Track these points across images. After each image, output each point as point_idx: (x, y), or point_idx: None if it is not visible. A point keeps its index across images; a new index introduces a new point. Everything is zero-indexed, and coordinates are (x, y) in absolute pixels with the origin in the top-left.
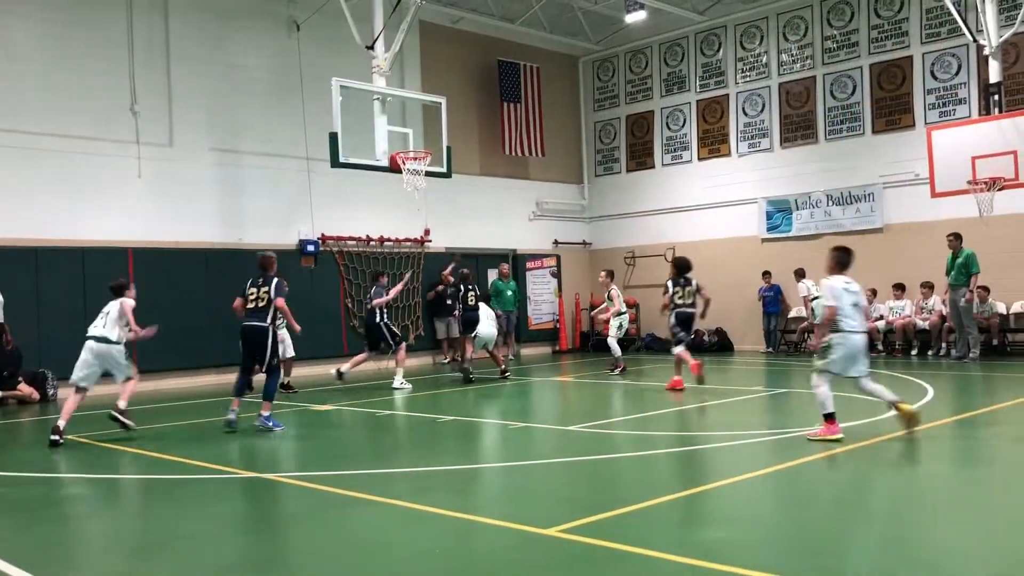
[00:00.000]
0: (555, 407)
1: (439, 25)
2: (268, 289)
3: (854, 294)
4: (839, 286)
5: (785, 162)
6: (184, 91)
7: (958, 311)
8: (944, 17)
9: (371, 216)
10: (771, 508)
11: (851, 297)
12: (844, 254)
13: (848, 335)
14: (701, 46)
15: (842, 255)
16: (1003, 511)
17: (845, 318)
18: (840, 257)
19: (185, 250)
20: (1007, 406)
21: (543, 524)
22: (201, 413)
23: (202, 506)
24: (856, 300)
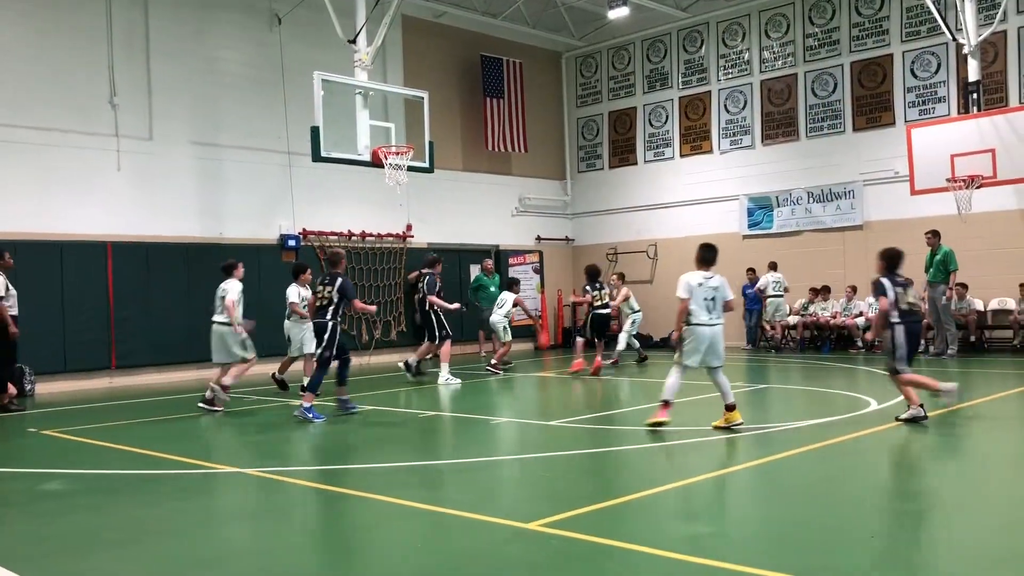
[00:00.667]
0: (537, 402)
1: (422, 20)
2: (332, 289)
3: (711, 289)
4: (693, 281)
5: (766, 159)
6: (164, 84)
7: (937, 308)
8: (924, 16)
9: (353, 211)
10: (756, 502)
11: (704, 292)
12: (706, 251)
13: (696, 328)
14: (683, 43)
15: (703, 251)
16: (987, 505)
17: (696, 312)
18: (701, 254)
19: (165, 244)
20: (985, 401)
21: (525, 518)
22: (180, 409)
23: (179, 501)
24: (712, 295)
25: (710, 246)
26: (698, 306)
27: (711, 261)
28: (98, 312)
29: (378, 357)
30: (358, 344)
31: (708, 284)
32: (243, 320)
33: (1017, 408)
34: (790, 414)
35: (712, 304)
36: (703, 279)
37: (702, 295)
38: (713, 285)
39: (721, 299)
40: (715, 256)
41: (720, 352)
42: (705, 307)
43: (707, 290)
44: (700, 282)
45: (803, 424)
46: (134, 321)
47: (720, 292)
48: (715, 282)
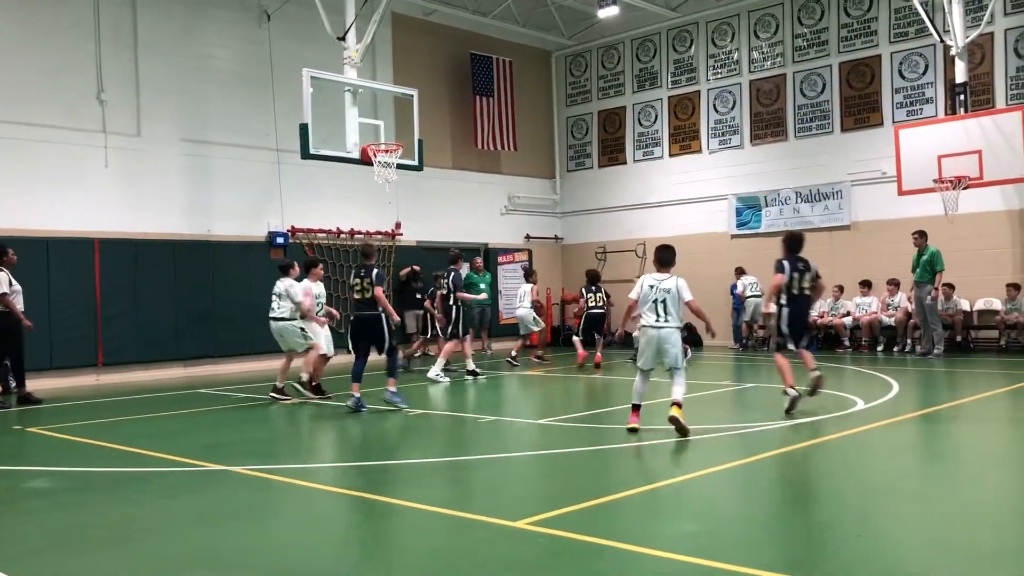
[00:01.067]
0: (526, 401)
1: (411, 17)
2: (370, 279)
3: (663, 291)
4: (646, 282)
5: (755, 159)
6: (152, 81)
7: (923, 308)
8: (912, 17)
9: (341, 208)
10: (744, 501)
11: (655, 294)
12: (662, 251)
13: (645, 329)
14: (673, 42)
15: (659, 253)
16: (969, 503)
17: (644, 314)
18: (658, 255)
19: (152, 241)
20: (970, 401)
21: (513, 517)
22: (169, 406)
23: (166, 499)
24: (663, 297)
25: (666, 247)
26: (647, 308)
27: (667, 262)
28: (85, 309)
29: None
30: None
31: (660, 286)
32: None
33: (1001, 408)
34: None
35: (663, 306)
36: (655, 281)
37: (652, 297)
38: (665, 287)
39: (674, 301)
40: (672, 257)
41: (670, 354)
42: (653, 309)
43: (658, 292)
44: (652, 284)
45: (790, 423)
46: (121, 318)
47: (672, 295)
48: (668, 284)
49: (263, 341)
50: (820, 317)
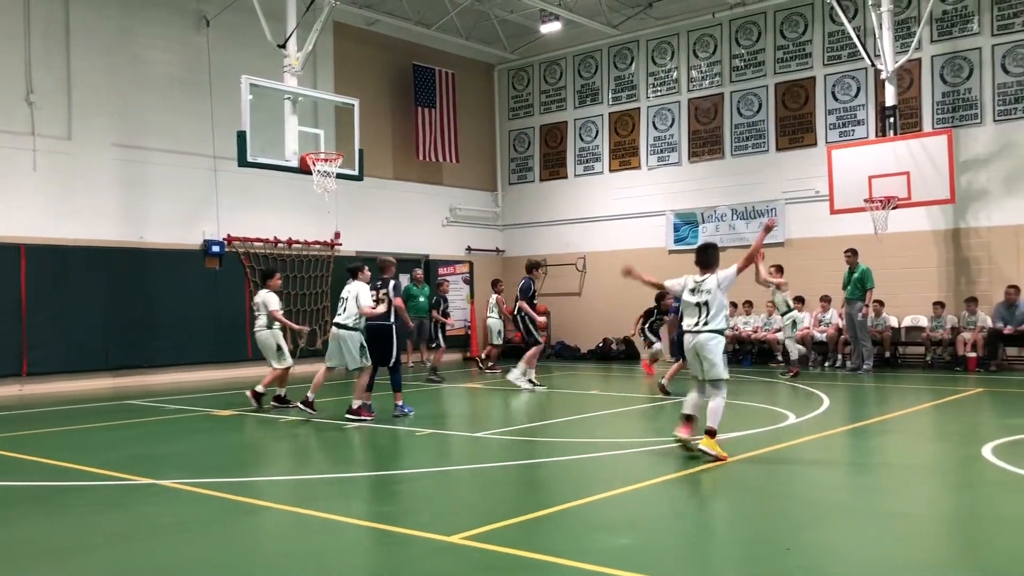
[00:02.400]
0: (464, 414)
1: (354, 27)
2: (387, 291)
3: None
4: (688, 282)
5: (693, 176)
6: (85, 83)
7: (854, 324)
8: (845, 41)
9: (280, 217)
10: (676, 514)
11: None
12: (702, 252)
13: (685, 333)
14: (614, 59)
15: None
16: (892, 517)
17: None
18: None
19: (82, 248)
20: (897, 415)
21: (447, 532)
22: (96, 418)
23: (91, 514)
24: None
25: (705, 247)
26: (687, 310)
27: (707, 264)
28: (9, 316)
29: (303, 367)
30: None
31: (701, 287)
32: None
33: (927, 422)
34: None
35: (704, 309)
36: (695, 282)
37: (693, 300)
38: (707, 288)
39: (717, 302)
40: (712, 258)
41: (706, 364)
42: (696, 312)
43: (700, 294)
44: (693, 287)
45: (724, 437)
46: (48, 327)
47: (715, 294)
48: (708, 284)
49: (196, 351)
50: (754, 332)
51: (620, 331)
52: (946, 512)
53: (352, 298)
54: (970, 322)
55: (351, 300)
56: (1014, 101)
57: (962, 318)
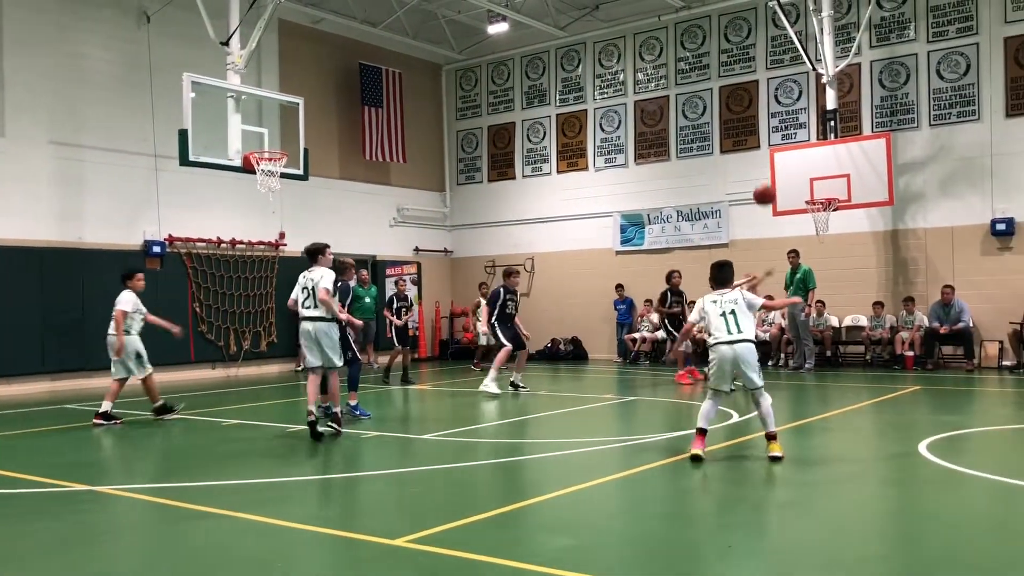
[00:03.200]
0: (410, 415)
1: (299, 25)
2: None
3: (729, 303)
4: (707, 302)
5: (639, 178)
6: (19, 79)
7: (796, 324)
8: (787, 45)
9: (223, 217)
10: (618, 514)
11: (720, 307)
12: (719, 270)
13: (717, 346)
14: (561, 61)
15: (716, 271)
16: (831, 513)
17: (713, 331)
18: (714, 274)
19: (17, 248)
20: (838, 413)
21: (390, 535)
22: (31, 423)
23: (24, 522)
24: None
25: (721, 264)
26: (715, 325)
27: (724, 281)
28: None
29: (247, 369)
30: (225, 355)
31: (724, 299)
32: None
33: (867, 419)
34: (655, 426)
35: (733, 319)
36: (717, 296)
37: (718, 311)
38: (731, 299)
39: (745, 312)
40: (729, 275)
41: (748, 375)
42: (724, 324)
43: (724, 304)
44: (715, 299)
45: (667, 436)
46: None
47: (740, 305)
48: (732, 295)
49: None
50: (698, 332)
51: (569, 331)
52: (883, 508)
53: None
54: (908, 321)
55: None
56: (948, 106)
57: (900, 317)
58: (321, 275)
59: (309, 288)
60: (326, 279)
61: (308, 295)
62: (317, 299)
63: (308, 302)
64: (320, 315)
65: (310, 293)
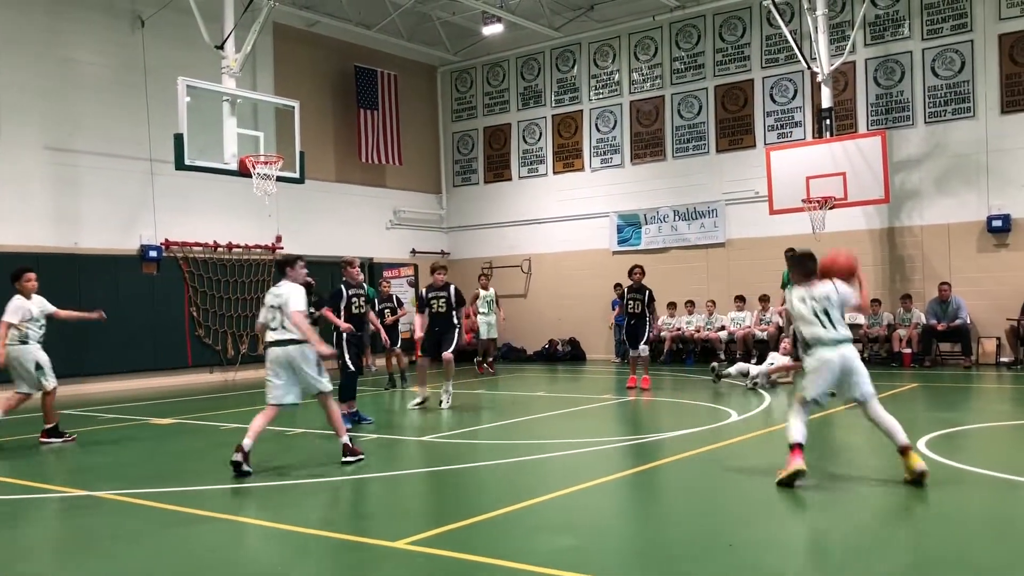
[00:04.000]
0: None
1: (294, 28)
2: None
3: (822, 299)
4: (794, 298)
5: (635, 178)
6: (12, 83)
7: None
8: (782, 44)
9: (219, 221)
10: (620, 515)
11: (810, 305)
12: (801, 263)
13: (815, 349)
14: (556, 62)
15: (798, 264)
16: (830, 510)
17: (807, 332)
18: (797, 266)
19: (12, 253)
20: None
21: (391, 537)
22: (28, 428)
23: (24, 527)
24: (822, 307)
25: (802, 257)
26: (807, 324)
27: (810, 272)
28: None
29: (244, 373)
30: (223, 359)
31: (813, 293)
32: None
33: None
34: (655, 426)
35: (826, 318)
36: (804, 292)
37: (807, 308)
38: (822, 294)
39: (838, 308)
40: (814, 265)
41: (858, 383)
42: (818, 323)
43: (814, 302)
44: (802, 296)
45: (668, 435)
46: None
47: (833, 300)
48: (823, 289)
49: (134, 359)
50: (696, 331)
51: (566, 332)
52: (883, 505)
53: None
54: (905, 319)
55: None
56: (943, 103)
57: (897, 315)
58: (290, 294)
59: (276, 307)
60: (296, 299)
61: (275, 316)
62: (288, 321)
63: (276, 323)
64: (292, 337)
65: (277, 314)
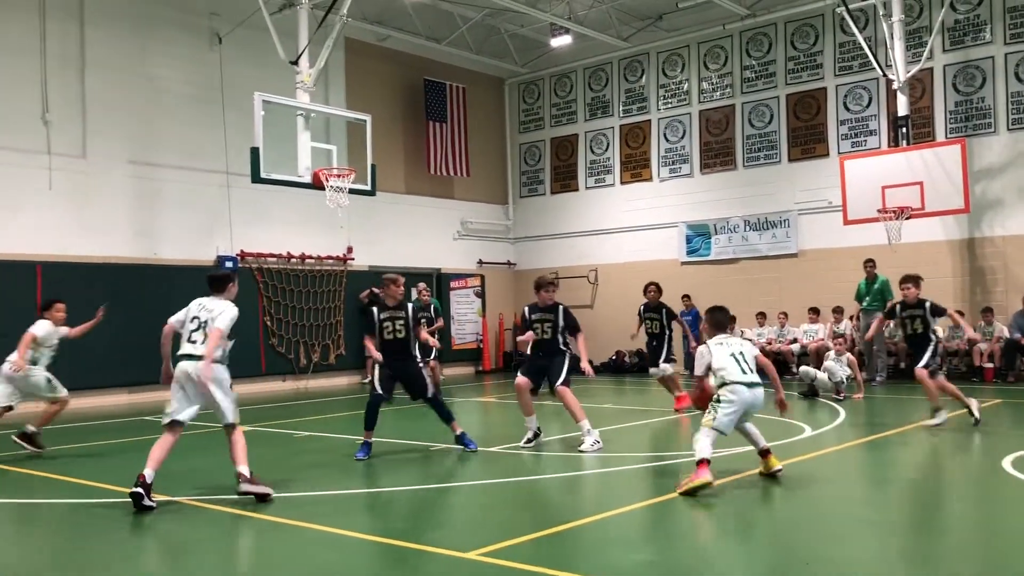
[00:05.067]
0: (477, 427)
1: (365, 43)
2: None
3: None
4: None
5: (705, 187)
6: (99, 101)
7: None
8: (856, 51)
9: (292, 233)
10: (691, 529)
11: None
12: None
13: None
14: (624, 72)
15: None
16: (911, 530)
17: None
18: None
19: (97, 264)
20: (914, 427)
21: (464, 548)
22: (113, 434)
23: (111, 532)
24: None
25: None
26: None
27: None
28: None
29: (316, 381)
30: (295, 368)
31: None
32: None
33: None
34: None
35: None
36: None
37: (726, 352)
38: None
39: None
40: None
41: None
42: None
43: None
44: (720, 341)
45: (738, 451)
46: (64, 343)
47: (747, 347)
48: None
49: None
50: (768, 344)
51: (633, 343)
52: (967, 526)
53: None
54: (987, 332)
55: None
56: None
57: (978, 328)
58: (222, 310)
59: (202, 320)
60: (226, 315)
61: (199, 327)
62: (208, 335)
63: (197, 336)
64: (210, 354)
65: (202, 326)
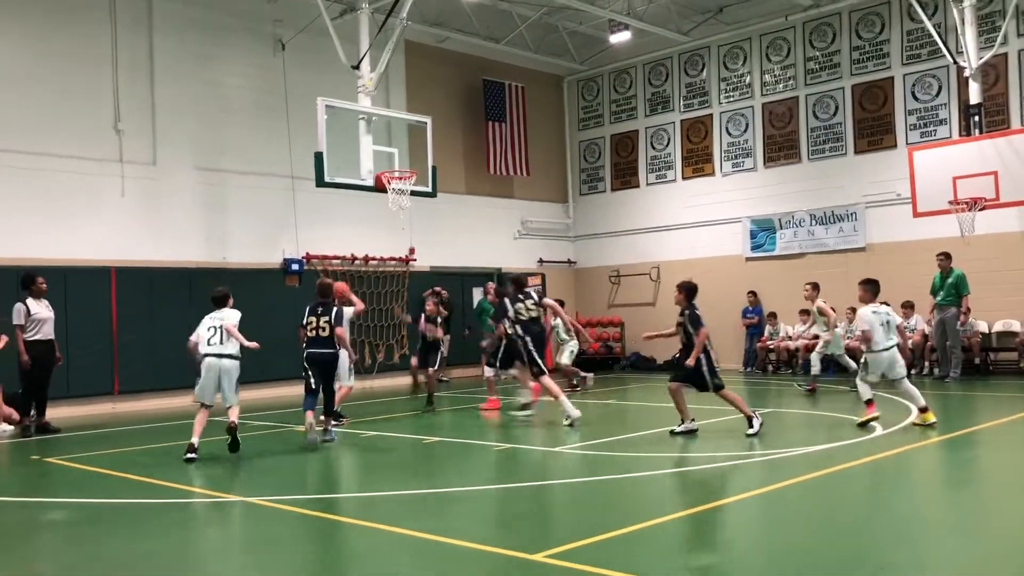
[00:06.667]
0: (542, 428)
1: (424, 45)
2: (328, 318)
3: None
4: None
5: (768, 181)
6: (168, 109)
7: (944, 330)
8: (925, 39)
9: (356, 235)
10: (763, 531)
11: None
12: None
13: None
14: (685, 66)
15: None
16: (988, 534)
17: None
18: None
19: (168, 269)
20: (991, 426)
21: (529, 549)
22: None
23: (183, 531)
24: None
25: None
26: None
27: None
28: (101, 337)
29: (381, 381)
30: (361, 368)
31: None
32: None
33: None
34: (792, 440)
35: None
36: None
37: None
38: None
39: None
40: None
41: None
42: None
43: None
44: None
45: (805, 450)
46: (137, 346)
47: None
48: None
49: (279, 368)
50: None
51: None
52: None
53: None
54: None
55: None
56: None
57: None
58: (229, 315)
59: (216, 326)
60: (233, 317)
61: (216, 332)
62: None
63: (215, 339)
64: (230, 352)
65: (218, 330)
